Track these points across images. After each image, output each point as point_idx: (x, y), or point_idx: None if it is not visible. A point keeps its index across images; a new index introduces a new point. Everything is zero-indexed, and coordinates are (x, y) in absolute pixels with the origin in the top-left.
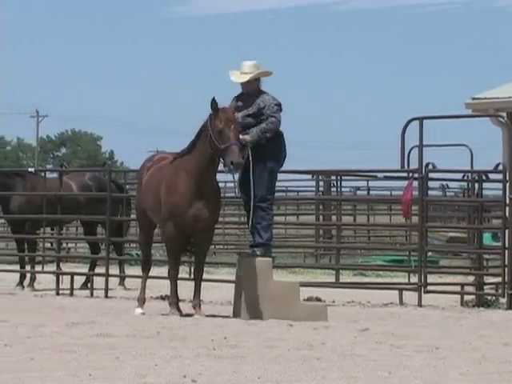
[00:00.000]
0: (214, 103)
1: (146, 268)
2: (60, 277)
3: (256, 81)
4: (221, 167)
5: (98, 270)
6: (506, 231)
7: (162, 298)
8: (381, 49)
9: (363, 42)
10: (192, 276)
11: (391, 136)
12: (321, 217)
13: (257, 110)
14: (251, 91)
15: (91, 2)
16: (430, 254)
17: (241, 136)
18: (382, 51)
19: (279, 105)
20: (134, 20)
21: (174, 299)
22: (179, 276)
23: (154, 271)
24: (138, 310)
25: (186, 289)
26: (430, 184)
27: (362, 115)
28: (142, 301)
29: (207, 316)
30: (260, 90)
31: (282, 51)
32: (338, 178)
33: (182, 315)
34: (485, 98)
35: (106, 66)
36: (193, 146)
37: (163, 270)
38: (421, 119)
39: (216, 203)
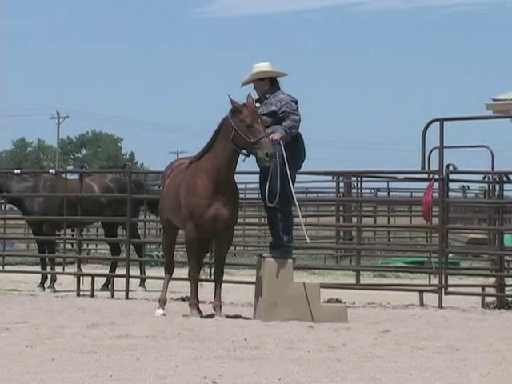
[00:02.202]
0: (233, 101)
1: (169, 270)
2: (81, 278)
3: (263, 81)
4: (241, 168)
5: (118, 271)
6: None
7: (183, 299)
8: (401, 50)
9: (383, 42)
10: (212, 277)
11: (412, 137)
12: (341, 218)
13: (271, 110)
14: (264, 92)
15: (114, 3)
16: (450, 255)
17: (270, 134)
18: (402, 52)
19: (297, 102)
20: (156, 20)
21: (194, 300)
22: (199, 277)
23: (174, 272)
24: (159, 311)
25: (206, 290)
26: (451, 185)
27: (382, 116)
28: (163, 302)
29: (228, 317)
30: (273, 89)
31: (304, 52)
32: (359, 179)
33: (202, 316)
34: (505, 100)
35: (126, 67)
36: (210, 146)
37: (183, 272)
38: (441, 120)
39: (235, 203)
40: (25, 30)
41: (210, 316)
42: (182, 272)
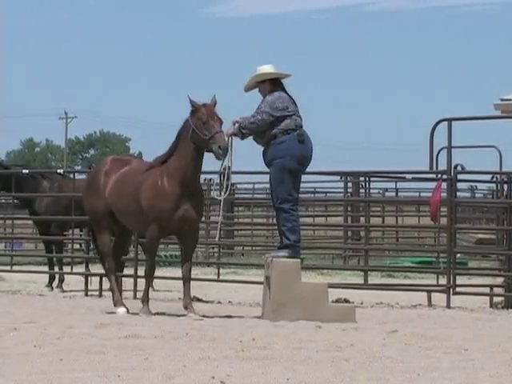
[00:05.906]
0: (192, 101)
1: (114, 271)
2: (89, 278)
3: (265, 83)
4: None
5: (126, 271)
6: None
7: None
8: (408, 50)
9: (391, 43)
10: (218, 277)
11: (420, 137)
12: (349, 218)
13: None
14: (266, 94)
15: (123, 2)
16: (458, 255)
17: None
18: (410, 52)
19: (270, 107)
20: (164, 21)
21: (146, 297)
22: (206, 277)
23: (195, 271)
24: (120, 310)
25: (213, 290)
26: (459, 185)
27: (390, 116)
28: (120, 302)
29: (236, 317)
30: (275, 90)
31: (312, 52)
32: (367, 179)
33: (204, 317)
34: None
35: (134, 67)
36: (174, 148)
37: (194, 271)
38: (449, 120)
39: (201, 203)
40: (31, 30)
41: (215, 316)
42: (196, 271)
